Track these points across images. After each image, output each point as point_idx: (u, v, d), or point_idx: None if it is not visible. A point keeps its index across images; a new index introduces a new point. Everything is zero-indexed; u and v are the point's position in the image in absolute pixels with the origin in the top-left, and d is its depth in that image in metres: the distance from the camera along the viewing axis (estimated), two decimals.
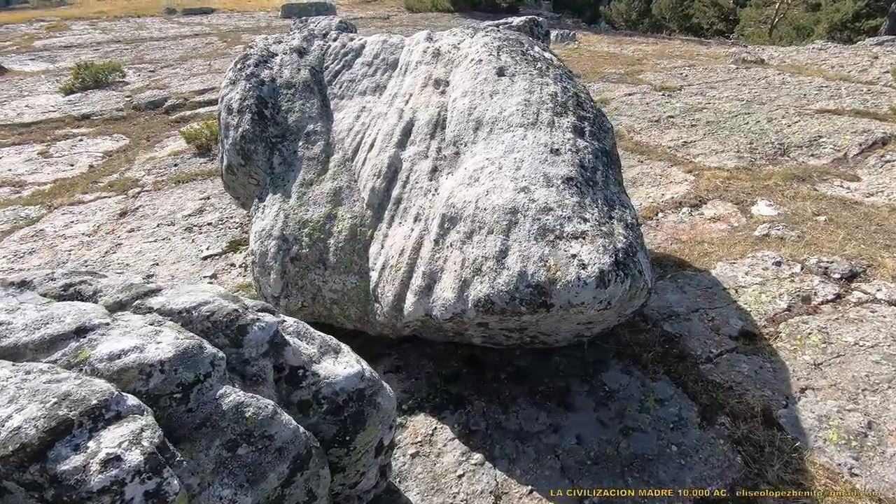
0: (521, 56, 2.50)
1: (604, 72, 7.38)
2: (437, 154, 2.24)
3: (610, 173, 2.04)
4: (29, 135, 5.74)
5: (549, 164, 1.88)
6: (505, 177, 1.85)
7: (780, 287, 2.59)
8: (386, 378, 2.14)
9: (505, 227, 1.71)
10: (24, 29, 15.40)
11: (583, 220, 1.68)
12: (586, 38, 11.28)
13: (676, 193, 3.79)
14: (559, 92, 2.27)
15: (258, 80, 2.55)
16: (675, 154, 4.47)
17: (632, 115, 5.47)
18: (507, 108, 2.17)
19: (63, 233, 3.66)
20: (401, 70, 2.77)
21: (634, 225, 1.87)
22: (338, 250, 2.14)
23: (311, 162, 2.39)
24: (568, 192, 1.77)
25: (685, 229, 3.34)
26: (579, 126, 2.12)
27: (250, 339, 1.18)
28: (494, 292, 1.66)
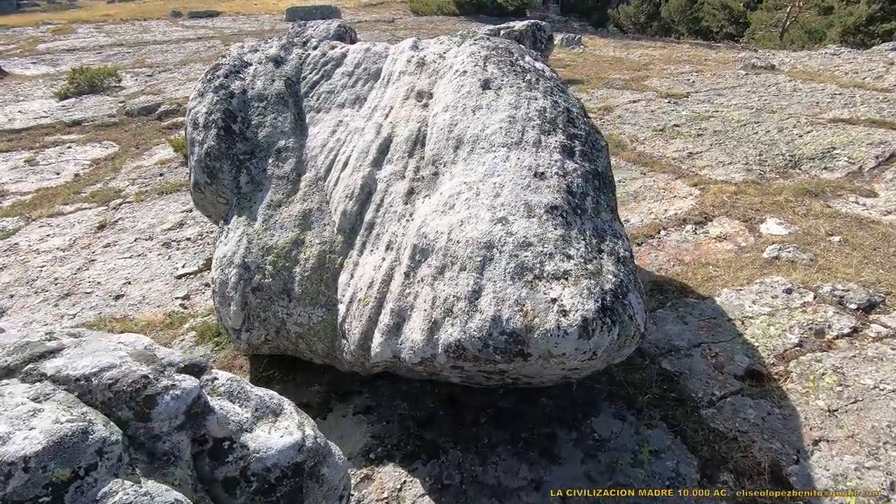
0: (509, 67, 2.32)
1: (608, 77, 7.17)
2: (415, 174, 2.06)
3: (602, 199, 1.85)
4: (18, 141, 5.63)
5: (532, 190, 1.69)
6: (482, 205, 1.66)
7: (790, 318, 2.37)
8: (355, 420, 1.96)
9: (479, 263, 1.52)
10: (31, 32, 15.44)
11: (566, 256, 1.49)
12: (592, 42, 11.08)
13: (680, 209, 3.58)
14: (548, 107, 2.08)
15: (227, 93, 2.38)
16: (679, 166, 4.26)
17: (636, 123, 5.26)
18: (489, 126, 1.99)
19: (37, 247, 3.52)
20: (383, 81, 2.60)
21: (627, 258, 1.67)
22: (304, 280, 1.96)
23: (280, 181, 2.22)
24: (551, 224, 1.58)
25: (689, 249, 3.13)
26: (569, 145, 1.93)
27: (161, 412, 1.00)
28: (466, 338, 1.47)
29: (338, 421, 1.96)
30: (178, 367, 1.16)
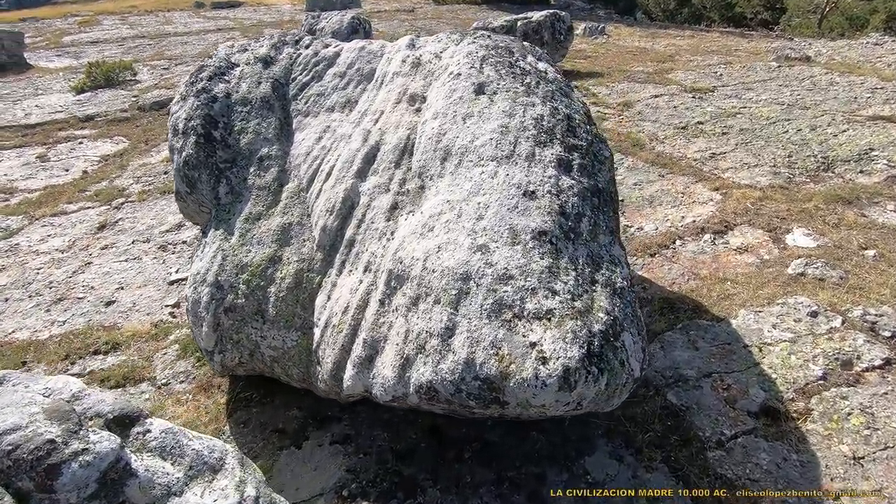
0: (507, 69, 2.14)
1: (630, 70, 6.86)
2: (400, 188, 1.91)
3: (601, 219, 1.67)
4: (32, 137, 5.67)
5: (519, 212, 1.53)
6: (462, 229, 1.51)
7: (814, 346, 2.16)
8: (331, 451, 1.84)
9: (454, 297, 1.37)
10: (58, 24, 15.71)
11: (551, 292, 1.33)
12: (617, 32, 10.67)
13: (699, 216, 3.35)
14: (546, 114, 1.90)
15: (209, 97, 2.26)
16: (700, 168, 4.00)
17: (656, 120, 4.99)
18: (480, 136, 1.82)
19: (37, 248, 3.50)
20: (376, 83, 2.44)
21: (625, 289, 1.50)
22: (278, 301, 1.84)
23: (261, 192, 2.10)
24: (538, 253, 1.42)
25: (706, 262, 2.91)
26: (566, 159, 1.75)
27: (66, 483, 0.89)
28: (438, 380, 1.33)
29: (313, 451, 1.84)
30: (106, 418, 1.05)
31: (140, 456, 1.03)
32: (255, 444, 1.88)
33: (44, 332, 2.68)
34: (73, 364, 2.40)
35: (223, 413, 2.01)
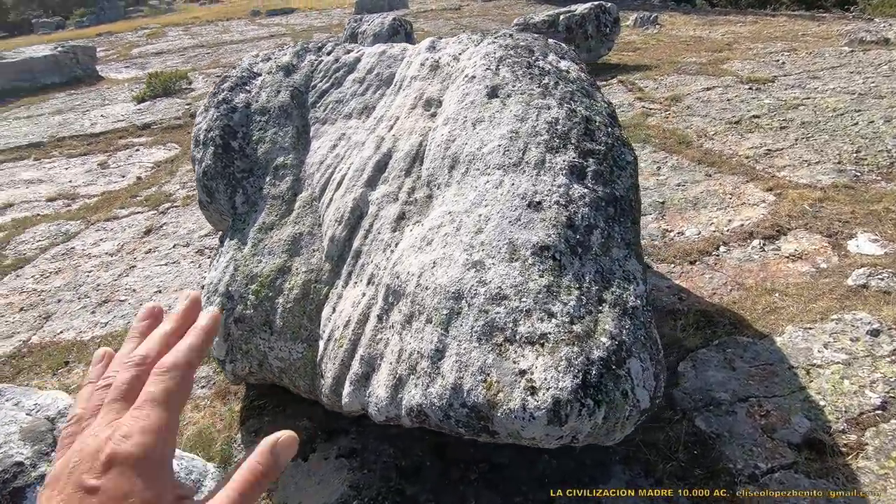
0: (524, 70, 2.03)
1: (682, 61, 6.48)
2: (408, 197, 1.85)
3: (616, 231, 1.55)
4: (96, 145, 6.06)
5: (521, 225, 1.43)
6: (460, 243, 1.43)
7: (873, 370, 1.92)
8: (336, 464, 1.82)
9: (445, 317, 1.30)
10: (129, 37, 16.82)
11: (548, 314, 1.23)
12: (671, 21, 10.14)
13: (748, 220, 3.09)
14: (562, 118, 1.78)
15: (229, 107, 2.30)
16: (753, 166, 3.70)
17: (706, 115, 4.67)
18: (488, 143, 1.73)
19: (90, 251, 3.72)
20: (394, 87, 2.40)
21: (638, 309, 1.37)
22: (285, 312, 1.84)
23: (275, 201, 2.10)
24: (537, 270, 1.32)
25: (753, 270, 2.67)
26: (580, 165, 1.63)
27: None
28: (427, 404, 1.26)
29: (319, 463, 1.83)
30: None
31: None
32: None
33: (87, 333, 2.83)
34: None
35: (237, 421, 2.04)
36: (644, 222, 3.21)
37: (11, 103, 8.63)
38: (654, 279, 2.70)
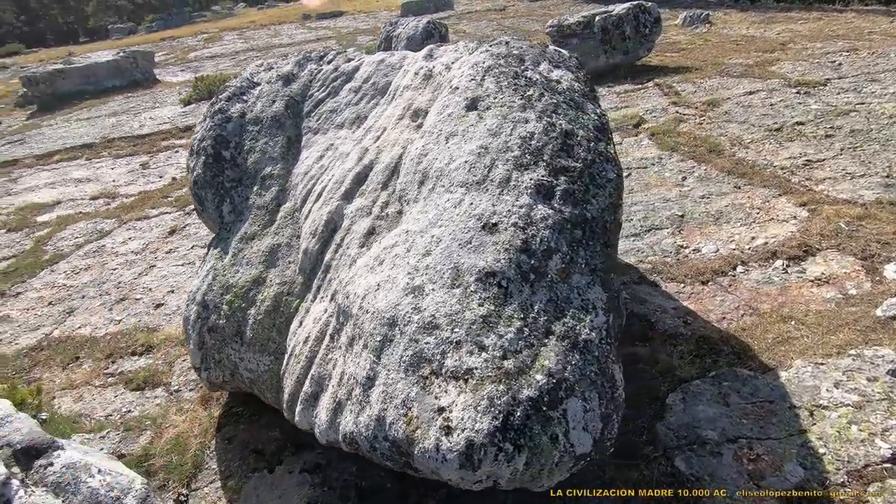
0: (509, 81, 1.95)
1: (727, 63, 6.11)
2: (381, 211, 1.82)
3: (581, 255, 1.45)
4: (141, 146, 6.40)
5: (471, 248, 1.37)
6: (406, 265, 1.38)
7: (888, 416, 1.71)
8: (299, 479, 1.81)
9: (378, 343, 1.25)
10: (189, 42, 17.73)
11: (478, 347, 1.16)
12: (725, 19, 9.61)
13: (774, 237, 2.86)
14: (538, 132, 1.69)
15: (224, 117, 2.34)
16: (788, 178, 3.42)
17: (745, 121, 4.38)
18: (457, 159, 1.67)
19: (118, 250, 3.92)
20: (388, 97, 2.37)
21: (592, 342, 1.28)
22: (256, 324, 1.84)
23: (259, 211, 2.12)
24: (477, 298, 1.25)
25: (770, 294, 2.47)
26: (548, 184, 1.54)
27: None
28: (357, 432, 1.22)
29: (283, 476, 1.83)
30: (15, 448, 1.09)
31: (32, 491, 1.05)
32: (232, 462, 1.91)
33: (102, 330, 2.97)
34: (113, 363, 2.63)
35: (214, 427, 2.07)
36: (659, 237, 3.03)
37: (76, 106, 9.27)
38: (660, 299, 2.54)
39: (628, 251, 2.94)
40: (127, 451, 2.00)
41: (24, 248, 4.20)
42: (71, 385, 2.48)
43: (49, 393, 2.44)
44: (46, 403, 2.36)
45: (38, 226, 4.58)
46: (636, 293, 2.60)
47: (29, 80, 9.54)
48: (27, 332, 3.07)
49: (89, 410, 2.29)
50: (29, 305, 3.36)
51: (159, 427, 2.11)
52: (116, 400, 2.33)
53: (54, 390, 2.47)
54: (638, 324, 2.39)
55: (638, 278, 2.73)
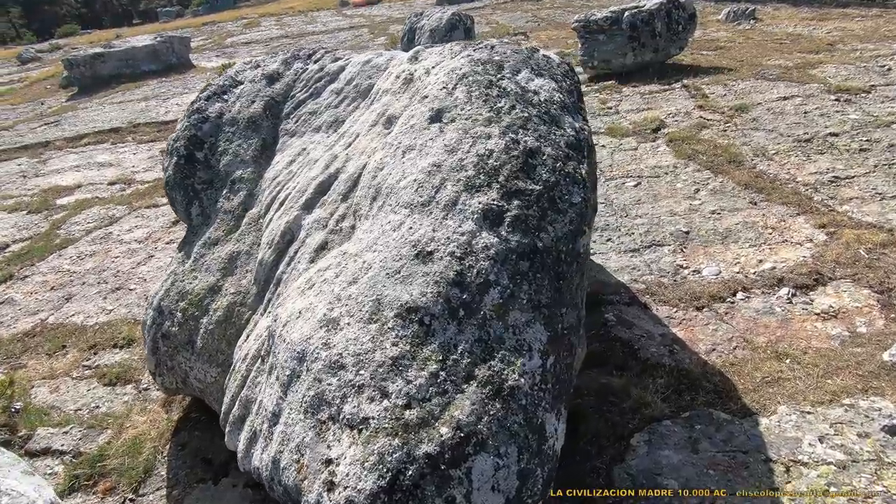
0: (481, 90, 1.83)
1: (765, 64, 5.74)
2: (336, 225, 1.75)
3: (524, 289, 1.34)
4: (164, 132, 6.53)
5: (399, 278, 1.28)
6: (331, 293, 1.30)
7: (874, 481, 1.54)
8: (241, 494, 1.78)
9: (287, 378, 1.19)
10: (229, 27, 18.03)
11: (381, 393, 1.07)
12: (773, 14, 9.06)
13: (783, 262, 2.65)
14: (498, 150, 1.58)
15: (200, 117, 2.31)
16: (810, 196, 3.17)
17: (772, 130, 4.09)
18: (408, 175, 1.58)
19: (123, 237, 4.00)
20: (368, 101, 2.29)
21: (520, 389, 1.17)
22: (207, 333, 1.81)
23: (226, 216, 2.09)
24: (393, 336, 1.16)
25: (769, 326, 2.28)
26: (498, 209, 1.43)
27: None
28: (261, 468, 1.17)
29: (226, 491, 1.80)
30: None
31: None
32: (180, 471, 1.89)
33: (92, 319, 3.03)
34: (95, 355, 2.68)
35: (170, 431, 2.07)
36: (658, 254, 2.86)
37: (113, 89, 9.57)
38: (648, 324, 2.39)
39: (623, 268, 2.79)
40: (85, 450, 2.02)
41: (39, 230, 4.35)
42: (51, 375, 2.54)
43: (30, 381, 2.50)
44: (25, 392, 2.41)
45: (56, 209, 4.74)
46: (623, 315, 2.46)
47: (70, 63, 9.89)
48: (26, 316, 3.16)
49: (61, 403, 2.33)
50: (33, 289, 3.46)
51: (120, 427, 2.12)
52: (88, 394, 2.37)
53: (35, 379, 2.53)
54: (619, 350, 2.25)
55: (629, 299, 2.57)
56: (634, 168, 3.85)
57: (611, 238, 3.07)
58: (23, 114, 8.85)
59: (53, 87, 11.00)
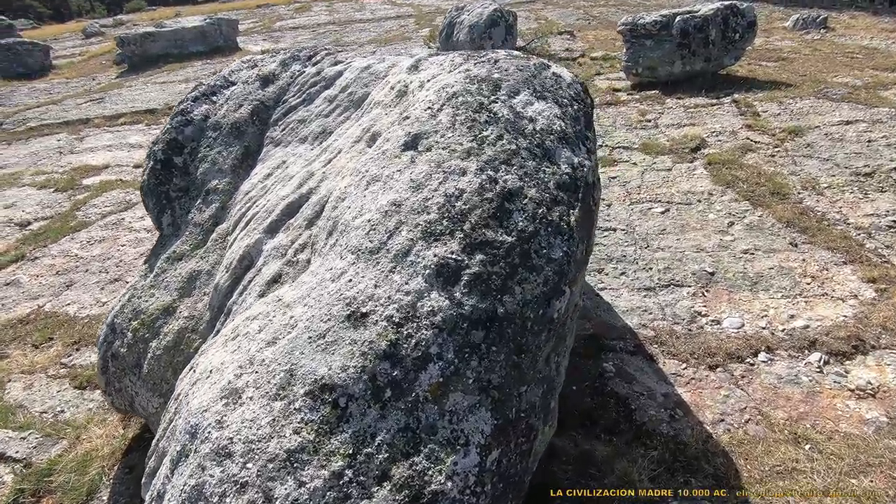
0: (468, 115, 1.62)
1: (830, 81, 5.21)
2: (294, 255, 1.58)
3: (472, 366, 1.14)
4: None
5: (321, 345, 1.10)
6: (245, 353, 1.14)
7: None
8: None
9: (176, 455, 1.03)
10: (281, 10, 18.22)
11: (265, 497, 0.90)
12: (848, 24, 8.30)
13: (819, 321, 2.32)
14: (470, 190, 1.37)
15: (184, 120, 2.19)
16: (862, 242, 2.79)
17: (828, 159, 3.67)
18: (365, 213, 1.39)
19: (133, 225, 4.00)
20: (360, 112, 2.12)
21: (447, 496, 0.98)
22: (154, 359, 1.70)
23: (195, 229, 1.96)
24: (296, 420, 0.99)
25: (792, 399, 1.98)
26: (455, 264, 1.23)
27: None
28: None
29: None
30: None
31: None
32: (122, 497, 1.80)
33: (85, 311, 3.01)
34: (77, 351, 2.64)
35: (122, 450, 1.98)
36: (676, 296, 2.57)
37: (159, 69, 9.78)
38: (651, 380, 2.13)
39: (633, 309, 2.52)
40: (36, 461, 1.96)
41: (61, 210, 4.42)
42: (31, 370, 2.51)
43: (9, 374, 2.48)
44: (1, 386, 2.39)
45: (81, 189, 4.81)
46: (624, 367, 2.20)
47: (122, 41, 10.17)
48: (27, 301, 3.18)
49: (30, 403, 2.29)
50: (40, 272, 3.49)
51: (76, 438, 2.05)
52: (57, 396, 2.32)
53: (14, 372, 2.51)
54: (613, 409, 2.01)
55: (634, 347, 2.31)
56: (665, 192, 3.52)
57: (625, 272, 2.80)
58: (74, 88, 9.17)
59: (108, 63, 11.38)
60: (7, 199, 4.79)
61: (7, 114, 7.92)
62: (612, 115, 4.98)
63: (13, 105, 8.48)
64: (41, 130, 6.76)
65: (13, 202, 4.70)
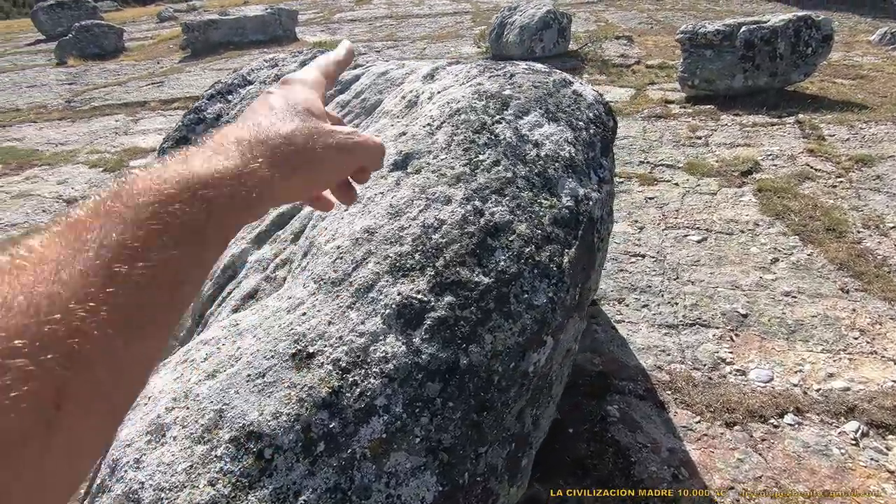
0: (467, 135, 1.50)
1: None
2: (274, 271, 1.53)
3: (422, 422, 1.03)
4: None
5: (258, 386, 1.02)
6: (184, 383, 1.07)
7: None
8: None
9: (96, 490, 0.98)
10: (343, 1, 18.51)
11: None
12: None
13: (862, 383, 2.06)
14: (452, 221, 1.26)
15: (195, 118, 2.18)
16: None
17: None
18: (337, 238, 1.30)
19: None
20: (369, 120, 2.04)
21: None
22: None
23: None
24: (215, 470, 0.91)
25: (818, 473, 1.76)
26: (420, 306, 1.12)
27: None
28: None
29: None
30: None
31: None
32: None
33: None
34: None
35: None
36: (699, 338, 2.36)
37: (218, 56, 10.12)
38: (658, 432, 1.95)
39: (650, 348, 2.33)
40: None
41: None
42: None
43: None
44: None
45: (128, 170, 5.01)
46: (630, 412, 2.03)
47: (187, 27, 10.59)
48: None
49: None
50: None
51: None
52: None
53: None
54: (610, 460, 1.85)
55: (644, 391, 2.13)
56: (705, 218, 3.26)
57: (648, 304, 2.59)
58: (139, 70, 9.62)
59: (174, 48, 11.89)
60: (62, 175, 5.05)
61: (77, 92, 8.41)
62: (660, 129, 4.69)
63: (84, 84, 8.99)
64: (103, 110, 7.12)
65: (66, 178, 4.95)
